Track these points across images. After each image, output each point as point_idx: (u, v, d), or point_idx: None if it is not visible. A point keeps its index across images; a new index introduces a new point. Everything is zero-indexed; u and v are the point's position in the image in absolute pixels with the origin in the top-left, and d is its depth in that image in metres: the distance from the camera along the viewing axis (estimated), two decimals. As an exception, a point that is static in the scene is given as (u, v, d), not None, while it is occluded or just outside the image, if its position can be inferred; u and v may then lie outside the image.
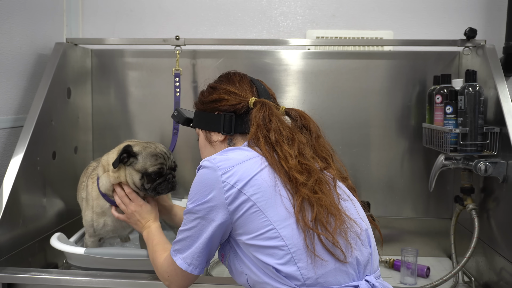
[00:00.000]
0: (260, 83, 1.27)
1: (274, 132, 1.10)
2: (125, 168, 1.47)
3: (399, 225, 2.10)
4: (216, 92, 1.23)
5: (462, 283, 1.78)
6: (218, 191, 1.03)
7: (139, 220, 1.45)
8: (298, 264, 1.00)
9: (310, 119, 1.21)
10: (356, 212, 1.11)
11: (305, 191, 1.02)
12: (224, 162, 1.05)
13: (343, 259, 1.01)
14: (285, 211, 1.01)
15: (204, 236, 1.06)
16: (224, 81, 1.26)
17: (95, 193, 1.55)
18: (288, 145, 1.08)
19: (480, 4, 2.18)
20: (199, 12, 2.28)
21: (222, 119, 1.20)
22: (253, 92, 1.23)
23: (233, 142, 1.22)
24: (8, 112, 1.82)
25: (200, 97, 1.29)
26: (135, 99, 2.19)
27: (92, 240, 1.60)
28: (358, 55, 2.12)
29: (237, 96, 1.20)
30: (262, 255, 1.02)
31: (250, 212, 1.02)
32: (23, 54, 1.91)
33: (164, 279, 1.18)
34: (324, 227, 1.01)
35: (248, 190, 1.02)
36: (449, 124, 1.75)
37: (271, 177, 1.04)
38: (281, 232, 1.00)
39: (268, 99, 1.21)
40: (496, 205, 1.69)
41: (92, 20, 2.31)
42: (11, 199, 1.57)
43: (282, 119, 1.15)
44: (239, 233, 1.05)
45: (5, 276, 1.43)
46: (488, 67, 1.78)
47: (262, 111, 1.13)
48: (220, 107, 1.21)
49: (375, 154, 2.11)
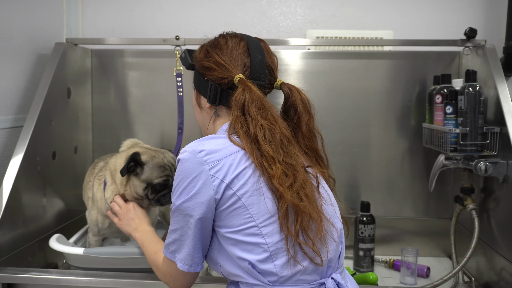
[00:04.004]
0: (257, 51, 1.16)
1: (253, 125, 1.05)
2: (130, 179, 1.47)
3: (399, 225, 2.10)
4: (207, 59, 1.17)
5: (462, 283, 1.78)
6: (207, 186, 1.01)
7: (133, 219, 1.43)
8: (275, 262, 1.01)
9: (299, 97, 1.16)
10: (333, 211, 1.12)
11: (290, 198, 0.99)
12: (211, 155, 1.02)
13: (320, 263, 1.03)
14: (268, 210, 1.01)
15: (197, 233, 1.04)
16: (218, 47, 1.17)
17: (100, 194, 1.55)
18: (268, 142, 1.03)
19: (480, 4, 2.18)
20: (199, 12, 2.28)
21: (209, 87, 1.15)
22: (245, 65, 1.14)
23: (217, 112, 1.18)
24: (8, 112, 1.82)
25: (197, 54, 1.23)
26: (135, 99, 2.19)
27: (96, 239, 1.60)
28: (358, 55, 2.12)
29: (224, 69, 1.13)
30: (239, 250, 1.02)
31: (234, 207, 1.01)
32: (23, 54, 1.91)
33: (167, 281, 1.15)
34: (306, 234, 1.01)
35: (235, 185, 1.01)
36: (449, 124, 1.75)
37: (254, 176, 1.02)
38: (263, 230, 1.00)
39: (263, 73, 1.14)
40: (496, 205, 1.69)
41: (92, 20, 2.31)
42: (11, 199, 1.57)
43: (264, 105, 1.08)
44: (219, 224, 1.04)
45: (5, 276, 1.43)
46: (488, 67, 1.78)
47: (244, 96, 1.07)
48: (208, 75, 1.16)
49: (375, 154, 2.11)
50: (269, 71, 1.17)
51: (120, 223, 1.46)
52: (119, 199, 1.49)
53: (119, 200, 1.49)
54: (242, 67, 1.14)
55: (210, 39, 1.24)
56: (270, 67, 1.18)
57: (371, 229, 1.87)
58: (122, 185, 1.48)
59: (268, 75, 1.17)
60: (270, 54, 1.20)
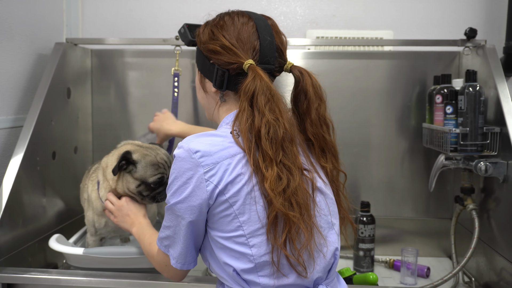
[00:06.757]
0: (266, 32, 1.08)
1: (259, 118, 0.99)
2: (122, 174, 1.46)
3: (399, 225, 2.10)
4: (212, 41, 1.09)
5: (462, 283, 1.78)
6: (200, 190, 0.98)
7: (127, 215, 1.42)
8: (260, 273, 0.99)
9: (310, 81, 1.10)
10: (328, 222, 1.07)
11: (279, 206, 0.95)
12: (207, 158, 0.98)
13: (305, 275, 1.00)
14: (259, 220, 0.98)
15: (189, 234, 1.02)
16: (224, 27, 1.09)
17: (94, 194, 1.55)
18: (270, 141, 0.98)
19: (480, 4, 2.18)
20: (199, 12, 2.27)
21: (215, 72, 1.08)
22: (254, 48, 1.06)
23: (224, 98, 1.11)
24: (8, 112, 1.82)
25: (200, 33, 1.15)
26: (135, 99, 2.19)
27: (94, 239, 1.60)
28: (358, 55, 2.12)
29: (232, 54, 1.05)
30: (226, 256, 1.01)
31: (225, 213, 0.99)
32: (23, 54, 1.90)
33: (162, 270, 1.15)
34: (293, 245, 0.97)
35: (228, 191, 0.97)
36: (449, 124, 1.75)
37: (249, 183, 0.98)
38: (250, 241, 0.98)
39: (273, 56, 1.07)
40: (497, 205, 1.69)
41: (92, 20, 2.31)
42: (11, 199, 1.57)
43: (273, 96, 1.02)
44: (210, 226, 1.03)
45: (5, 276, 1.43)
46: (488, 67, 1.78)
47: (254, 85, 1.01)
48: (214, 58, 1.08)
49: (375, 154, 2.11)
50: (279, 54, 1.10)
51: (116, 220, 1.46)
52: (111, 196, 1.47)
53: (111, 197, 1.47)
54: (251, 51, 1.06)
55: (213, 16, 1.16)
56: (280, 49, 1.11)
57: (371, 229, 1.87)
58: (114, 180, 1.47)
59: (278, 57, 1.10)
60: (279, 34, 1.13)
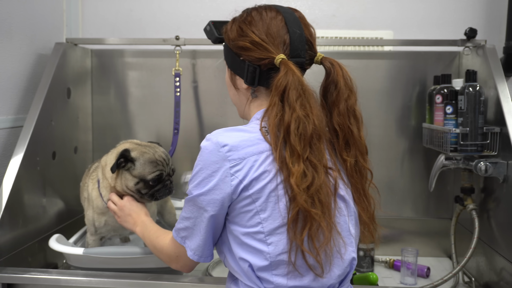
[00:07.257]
0: (295, 25, 1.08)
1: (289, 113, 0.99)
2: (121, 172, 1.47)
3: (399, 225, 2.10)
4: (241, 38, 1.09)
5: (462, 283, 1.78)
6: (225, 184, 0.98)
7: (129, 215, 1.43)
8: (274, 272, 0.99)
9: (340, 72, 1.08)
10: (346, 223, 1.06)
11: (302, 202, 0.95)
12: (234, 152, 0.98)
13: (320, 274, 1.00)
14: (280, 217, 0.98)
15: (209, 227, 1.03)
16: (252, 23, 1.09)
17: (95, 193, 1.55)
18: (299, 136, 0.98)
19: (480, 4, 2.18)
20: (199, 12, 2.28)
21: (246, 68, 1.08)
22: (284, 42, 1.06)
23: (255, 93, 1.11)
24: (8, 112, 1.82)
25: (228, 30, 1.15)
26: (135, 99, 2.19)
27: (94, 239, 1.60)
28: (358, 55, 2.12)
29: (262, 49, 1.05)
30: (242, 251, 1.01)
31: (247, 208, 0.99)
32: (23, 54, 1.91)
33: (170, 261, 1.14)
34: (312, 243, 0.97)
35: (252, 188, 0.98)
36: (449, 124, 1.75)
37: (273, 181, 0.99)
38: (268, 239, 0.98)
39: (303, 49, 1.07)
40: (497, 205, 1.69)
41: (92, 20, 2.31)
42: (11, 199, 1.57)
43: (304, 91, 1.01)
44: (230, 219, 1.03)
45: (5, 276, 1.43)
46: (488, 67, 1.78)
47: (286, 80, 1.00)
48: (244, 55, 1.08)
49: (375, 154, 2.11)
50: (309, 46, 1.10)
51: (119, 220, 1.47)
52: (114, 196, 1.48)
53: (114, 197, 1.48)
54: (282, 45, 1.06)
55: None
56: (310, 41, 1.10)
57: (371, 229, 1.87)
58: (113, 178, 1.47)
59: (308, 50, 1.09)
60: (308, 26, 1.12)
